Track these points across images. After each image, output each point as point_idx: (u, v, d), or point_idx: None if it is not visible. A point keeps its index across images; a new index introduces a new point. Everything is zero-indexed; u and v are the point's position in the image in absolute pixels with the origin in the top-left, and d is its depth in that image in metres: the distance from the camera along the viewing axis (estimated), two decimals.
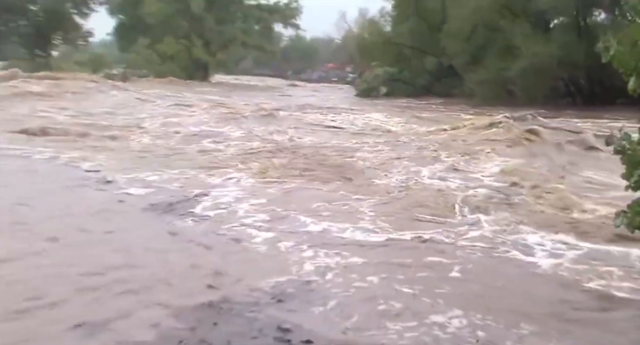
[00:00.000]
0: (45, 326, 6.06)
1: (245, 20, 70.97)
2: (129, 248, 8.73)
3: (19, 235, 9.26)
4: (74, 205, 11.61)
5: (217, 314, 6.34)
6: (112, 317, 6.20)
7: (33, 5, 67.90)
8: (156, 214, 11.04)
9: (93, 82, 42.59)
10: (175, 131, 23.35)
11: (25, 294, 6.95)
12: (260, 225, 10.04)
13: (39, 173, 14.89)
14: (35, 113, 26.85)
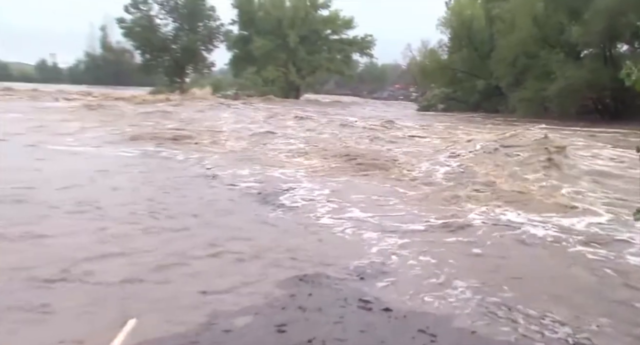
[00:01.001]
0: (180, 291, 6.09)
1: (330, 51, 70.98)
2: (239, 229, 8.70)
3: (161, 215, 9.35)
4: (194, 194, 11.57)
5: (311, 286, 6.32)
6: (229, 286, 6.24)
7: (174, 45, 70.08)
8: (251, 201, 10.90)
9: (214, 100, 44.58)
10: (267, 134, 23.09)
11: (165, 259, 7.05)
12: (333, 214, 9.88)
13: (171, 169, 14.83)
14: (169, 123, 27.64)
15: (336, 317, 5.37)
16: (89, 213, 9.15)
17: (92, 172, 13.33)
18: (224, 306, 5.59)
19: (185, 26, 71.11)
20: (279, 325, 5.13)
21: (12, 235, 7.76)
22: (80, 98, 44.94)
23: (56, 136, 21.42)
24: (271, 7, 69.01)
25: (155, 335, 4.86)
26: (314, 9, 69.83)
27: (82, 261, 6.75)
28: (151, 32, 70.27)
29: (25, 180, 11.71)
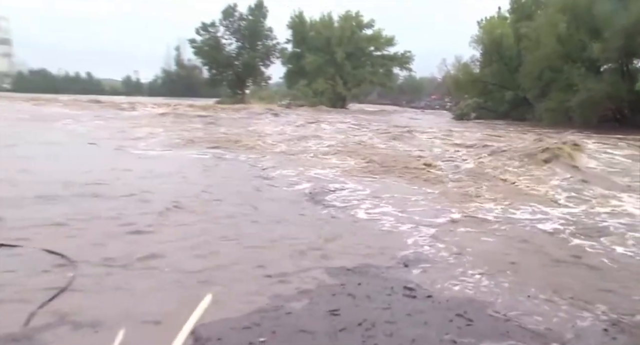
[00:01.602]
0: (248, 275, 6.09)
1: (373, 66, 70.70)
2: (294, 223, 8.72)
3: (225, 211, 9.34)
4: (253, 192, 11.59)
5: (358, 275, 6.24)
6: (287, 273, 6.21)
7: (236, 61, 71.10)
8: (303, 199, 10.83)
9: (270, 109, 44.62)
10: (314, 138, 23.16)
11: (234, 247, 7.11)
12: (373, 209, 9.85)
13: (231, 169, 14.96)
14: (230, 129, 27.92)
15: (384, 304, 5.35)
16: (163, 207, 9.13)
17: (163, 172, 13.57)
18: (284, 290, 5.63)
19: (247, 45, 72.07)
20: (332, 309, 5.15)
21: (112, 226, 7.83)
22: (157, 108, 45.80)
23: (134, 140, 21.74)
24: (321, 28, 69.19)
25: (226, 314, 4.89)
26: (359, 29, 69.64)
27: (168, 248, 6.86)
28: (217, 51, 71.43)
29: (110, 178, 11.94)
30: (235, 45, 73.03)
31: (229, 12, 72.47)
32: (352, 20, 69.06)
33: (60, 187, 10.70)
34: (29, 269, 5.90)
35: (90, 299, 5.19)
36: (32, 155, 16.04)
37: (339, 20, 69.86)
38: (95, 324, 4.64)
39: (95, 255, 6.47)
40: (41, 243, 6.72)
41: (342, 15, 69.62)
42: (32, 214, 8.50)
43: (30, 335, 4.42)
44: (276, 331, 4.64)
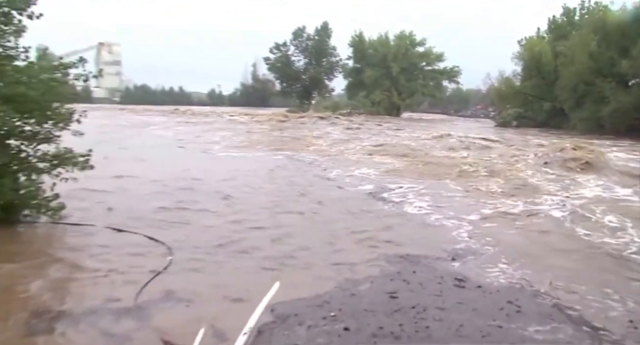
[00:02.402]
0: (316, 261, 6.35)
1: (424, 79, 70.50)
2: (353, 217, 8.94)
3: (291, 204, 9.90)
4: (314, 185, 12.28)
5: (413, 264, 6.24)
6: (351, 260, 6.33)
7: (304, 75, 73.07)
8: (362, 196, 10.94)
9: (332, 117, 45.42)
10: (372, 142, 23.39)
11: (303, 237, 7.43)
12: (421, 205, 10.02)
13: (295, 168, 15.50)
14: (298, 134, 28.55)
15: (436, 291, 5.33)
16: (243, 202, 9.98)
17: (241, 171, 14.45)
18: (349, 275, 5.79)
19: (313, 61, 73.91)
20: (390, 292, 5.22)
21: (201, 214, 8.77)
22: (234, 116, 47.44)
23: (214, 143, 23.24)
24: (379, 45, 70.00)
25: (299, 294, 5.14)
26: (412, 46, 69.96)
27: (248, 236, 7.45)
28: (288, 67, 73.62)
29: (201, 176, 12.77)
30: (303, 61, 75.21)
31: (298, 33, 74.75)
32: (406, 39, 69.55)
33: (159, 184, 11.50)
34: (135, 253, 6.50)
35: (184, 280, 5.57)
36: (137, 156, 17.21)
37: (394, 39, 70.49)
38: (187, 300, 5.04)
39: (189, 241, 7.07)
40: (145, 230, 7.41)
41: (397, 35, 70.31)
42: (139, 205, 9.37)
43: (138, 308, 4.79)
44: (342, 309, 4.79)
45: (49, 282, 5.57)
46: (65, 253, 6.70)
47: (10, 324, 4.48)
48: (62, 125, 8.24)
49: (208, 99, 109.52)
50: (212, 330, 4.31)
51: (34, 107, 7.84)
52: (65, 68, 8.22)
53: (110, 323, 4.50)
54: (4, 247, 6.77)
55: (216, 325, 4.44)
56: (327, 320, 4.56)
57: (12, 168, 7.93)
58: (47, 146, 8.26)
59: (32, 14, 7.93)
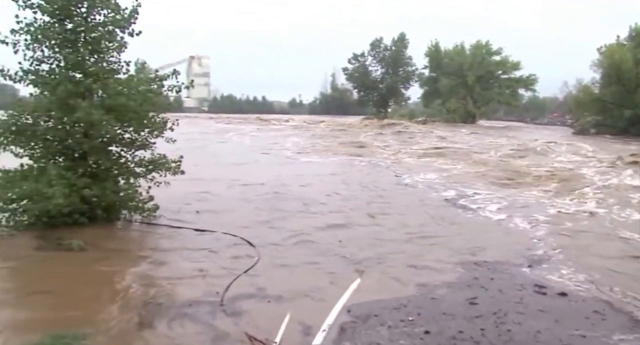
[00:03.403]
0: (394, 264, 6.28)
1: (500, 87, 67.93)
2: (431, 223, 8.81)
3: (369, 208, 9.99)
4: (391, 192, 12.00)
5: (490, 271, 6.08)
6: (427, 264, 6.27)
7: (381, 84, 72.65)
8: (436, 201, 10.86)
9: (408, 124, 45.07)
10: (445, 147, 23.19)
11: (380, 239, 7.56)
12: (500, 211, 9.86)
13: (373, 173, 15.59)
14: (373, 140, 28.45)
15: (516, 298, 5.18)
16: (326, 208, 10.02)
17: (324, 175, 14.74)
18: (425, 280, 5.74)
19: (390, 71, 73.21)
20: (470, 298, 5.11)
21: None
22: (312, 124, 47.99)
23: (295, 149, 23.55)
24: (454, 55, 68.39)
25: (378, 296, 5.13)
26: (489, 55, 67.63)
27: (333, 238, 7.54)
28: (365, 76, 73.38)
29: (282, 180, 13.20)
30: (380, 71, 74.56)
31: (375, 44, 74.35)
32: (482, 48, 67.37)
33: (245, 188, 11.87)
34: (223, 252, 6.72)
35: (269, 278, 5.71)
36: (224, 162, 17.81)
37: (470, 49, 68.56)
38: (271, 297, 5.15)
39: (274, 242, 7.25)
40: (232, 231, 7.64)
41: (473, 44, 68.33)
42: (226, 208, 9.63)
43: (226, 303, 4.94)
44: (421, 313, 4.73)
45: (146, 277, 5.87)
46: (159, 251, 7.05)
47: (123, 315, 4.69)
48: (157, 133, 8.53)
49: (289, 107, 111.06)
50: (294, 327, 4.36)
51: (132, 116, 8.20)
52: (161, 80, 8.54)
53: (203, 316, 4.65)
54: (106, 245, 7.16)
55: (298, 321, 4.47)
56: (406, 322, 4.51)
57: (113, 172, 8.34)
58: (143, 152, 8.67)
59: (132, 32, 8.27)
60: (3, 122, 7.60)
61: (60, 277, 5.79)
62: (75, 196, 7.42)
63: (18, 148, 7.85)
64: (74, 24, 7.98)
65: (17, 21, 7.69)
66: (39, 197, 7.18)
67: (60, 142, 8.06)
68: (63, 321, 4.48)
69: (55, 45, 7.91)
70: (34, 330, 4.25)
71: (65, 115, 7.79)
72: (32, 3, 7.76)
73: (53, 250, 6.63)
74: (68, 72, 7.98)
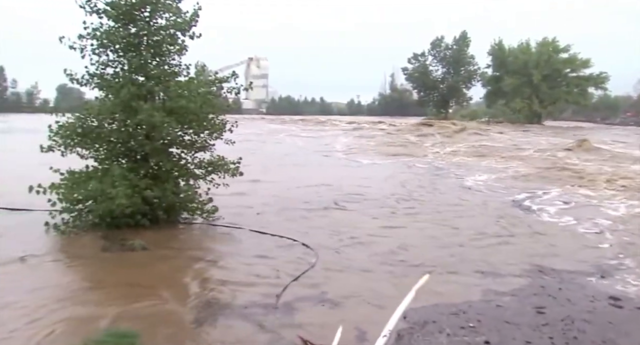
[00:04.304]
0: (460, 267, 6.21)
1: (568, 86, 65.39)
2: (496, 226, 8.53)
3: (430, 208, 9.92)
4: (453, 194, 11.78)
5: (558, 279, 5.81)
6: (489, 269, 6.02)
7: (441, 84, 71.57)
8: (503, 205, 10.49)
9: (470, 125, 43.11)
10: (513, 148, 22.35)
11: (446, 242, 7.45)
12: (569, 215, 9.44)
13: (432, 176, 15.13)
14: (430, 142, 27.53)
15: (587, 308, 4.95)
16: (388, 209, 9.92)
17: (376, 177, 14.54)
18: (488, 285, 5.59)
19: (451, 70, 71.98)
20: (537, 307, 4.90)
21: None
22: (369, 124, 47.22)
23: (350, 151, 23.49)
24: (519, 53, 66.33)
25: (436, 300, 4.99)
26: (556, 53, 65.08)
27: (389, 240, 7.43)
28: (425, 76, 72.38)
29: (340, 182, 13.10)
30: (441, 71, 73.52)
31: (436, 43, 73.20)
32: (548, 46, 64.94)
33: (305, 190, 11.88)
34: (281, 254, 6.74)
35: (326, 281, 5.67)
36: (283, 164, 17.95)
37: (536, 46, 66.25)
38: (328, 301, 5.09)
39: (333, 245, 7.18)
40: (290, 234, 7.63)
41: (540, 42, 65.96)
42: (285, 210, 9.56)
43: (282, 306, 4.92)
44: (481, 320, 4.57)
45: (204, 278, 5.94)
46: (218, 252, 7.14)
47: (180, 315, 4.80)
48: (216, 134, 8.56)
49: (347, 108, 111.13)
50: (351, 331, 4.28)
51: (192, 118, 8.27)
52: (220, 82, 8.57)
53: (258, 318, 4.65)
54: (167, 246, 7.29)
55: (355, 326, 4.40)
56: (466, 330, 4.36)
57: (173, 174, 8.43)
58: (203, 154, 8.75)
59: (193, 34, 8.33)
60: (70, 125, 7.84)
61: (122, 276, 5.93)
62: (138, 197, 7.54)
63: (83, 150, 8.09)
64: (137, 28, 8.13)
65: (84, 27, 7.93)
66: (103, 197, 7.35)
67: (124, 144, 8.23)
68: (123, 318, 4.62)
69: (119, 50, 8.09)
70: (94, 325, 4.41)
71: (128, 117, 7.97)
72: (98, 9, 7.98)
73: (117, 250, 6.80)
74: (131, 75, 8.16)
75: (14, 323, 4.44)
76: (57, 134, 7.80)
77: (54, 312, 4.71)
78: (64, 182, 7.66)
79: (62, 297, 5.26)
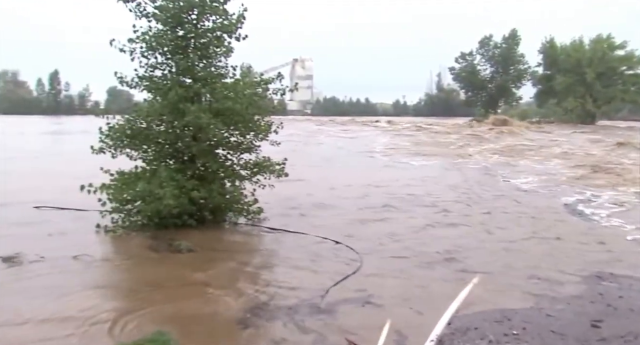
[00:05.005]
0: (512, 269, 6.07)
1: (624, 84, 62.52)
2: (551, 230, 8.18)
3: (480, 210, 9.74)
4: (503, 197, 11.32)
5: (619, 287, 5.52)
6: (543, 276, 5.76)
7: (490, 84, 69.83)
8: (552, 204, 10.26)
9: (520, 127, 42.50)
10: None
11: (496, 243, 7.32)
12: (625, 219, 9.01)
13: (480, 178, 14.62)
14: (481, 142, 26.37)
15: None
16: (438, 210, 9.86)
17: (427, 179, 14.32)
18: (538, 291, 5.34)
19: (500, 70, 70.19)
20: (593, 318, 4.61)
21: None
22: (413, 125, 46.45)
23: (395, 152, 23.36)
24: (572, 51, 63.91)
25: (475, 309, 4.82)
26: (611, 50, 62.37)
27: (434, 244, 7.27)
28: (473, 76, 70.83)
29: (385, 183, 13.04)
30: (489, 70, 71.72)
31: (484, 42, 71.53)
32: (603, 43, 62.22)
33: (349, 191, 11.80)
34: (325, 257, 6.71)
35: (371, 284, 5.58)
36: (325, 165, 18.01)
37: (589, 43, 63.64)
38: (372, 304, 5.02)
39: (377, 248, 7.07)
40: (334, 236, 7.53)
41: (593, 39, 63.33)
42: (329, 211, 9.53)
43: (327, 307, 4.92)
44: (527, 328, 4.39)
45: (249, 279, 5.97)
46: (263, 254, 7.23)
47: (225, 315, 4.82)
48: (262, 136, 8.55)
49: (392, 109, 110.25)
50: (394, 335, 4.21)
51: (238, 119, 8.30)
52: (266, 83, 8.53)
53: (302, 320, 4.65)
54: (213, 247, 7.35)
55: (398, 330, 4.30)
56: (509, 337, 4.22)
57: (219, 175, 8.46)
58: (248, 155, 8.78)
59: (239, 36, 8.34)
60: (120, 127, 8.00)
61: (169, 277, 6.00)
62: (185, 197, 7.62)
63: (132, 151, 8.24)
64: (185, 31, 8.22)
65: (133, 31, 8.07)
66: (151, 198, 7.47)
67: (171, 145, 8.35)
68: (170, 318, 4.71)
69: (167, 52, 8.20)
70: (143, 323, 4.52)
71: (176, 119, 8.07)
72: (147, 12, 8.11)
73: (164, 250, 6.90)
74: (179, 77, 8.26)
75: (70, 321, 4.55)
76: (108, 136, 7.98)
77: (101, 311, 4.77)
78: (113, 182, 7.82)
79: (111, 295, 5.42)
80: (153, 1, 8.11)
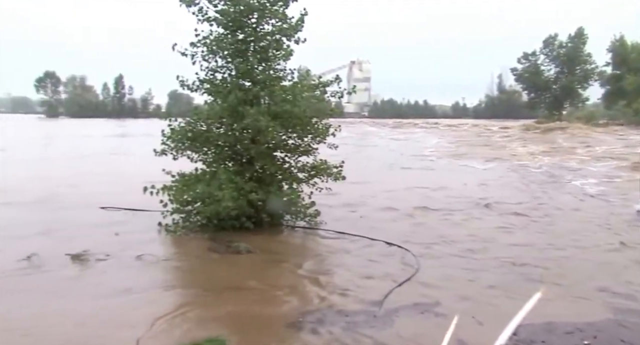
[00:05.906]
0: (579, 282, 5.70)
1: None
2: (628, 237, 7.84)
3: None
4: (572, 202, 10.89)
5: None
6: (617, 287, 5.49)
7: (554, 85, 66.91)
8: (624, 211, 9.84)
9: (586, 129, 40.99)
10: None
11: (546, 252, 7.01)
12: None
13: (544, 181, 14.20)
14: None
15: None
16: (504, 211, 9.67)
17: (486, 182, 13.85)
18: (613, 302, 5.11)
19: (565, 70, 67.06)
20: None
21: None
22: (472, 127, 45.70)
23: (455, 155, 22.94)
24: None
25: (545, 319, 4.61)
26: None
27: (499, 249, 7.09)
28: (537, 76, 68.03)
29: (448, 186, 12.81)
30: (553, 70, 68.63)
31: (549, 41, 68.59)
32: None
33: (408, 193, 11.66)
34: (384, 261, 6.60)
35: (429, 289, 5.50)
36: (383, 168, 17.93)
37: None
38: (429, 310, 4.91)
39: (436, 253, 6.93)
40: (393, 240, 7.42)
41: None
42: (389, 215, 9.36)
43: (385, 313, 4.83)
44: (598, 336, 4.26)
45: (306, 283, 5.99)
46: (319, 257, 7.12)
47: (281, 319, 4.79)
48: (319, 138, 8.48)
49: (452, 111, 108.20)
50: (454, 343, 4.07)
51: (296, 122, 8.28)
52: (324, 86, 8.45)
53: (358, 326, 4.55)
54: (271, 249, 7.37)
55: (458, 338, 4.14)
56: None
57: (277, 177, 8.45)
58: (306, 158, 8.76)
59: (298, 39, 8.30)
60: (181, 129, 8.13)
61: (228, 278, 6.08)
62: (243, 199, 7.66)
63: (193, 153, 8.36)
64: (245, 35, 8.28)
65: (195, 35, 8.19)
66: (210, 199, 7.55)
67: (230, 148, 8.42)
68: (227, 319, 4.79)
69: (227, 56, 8.28)
70: (201, 322, 4.62)
71: (235, 121, 8.14)
72: (208, 17, 8.21)
73: (223, 252, 6.98)
74: (238, 80, 8.32)
75: (130, 319, 4.67)
76: (170, 138, 8.13)
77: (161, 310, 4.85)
78: (174, 184, 7.96)
79: (172, 295, 5.51)
80: (215, 5, 8.20)
